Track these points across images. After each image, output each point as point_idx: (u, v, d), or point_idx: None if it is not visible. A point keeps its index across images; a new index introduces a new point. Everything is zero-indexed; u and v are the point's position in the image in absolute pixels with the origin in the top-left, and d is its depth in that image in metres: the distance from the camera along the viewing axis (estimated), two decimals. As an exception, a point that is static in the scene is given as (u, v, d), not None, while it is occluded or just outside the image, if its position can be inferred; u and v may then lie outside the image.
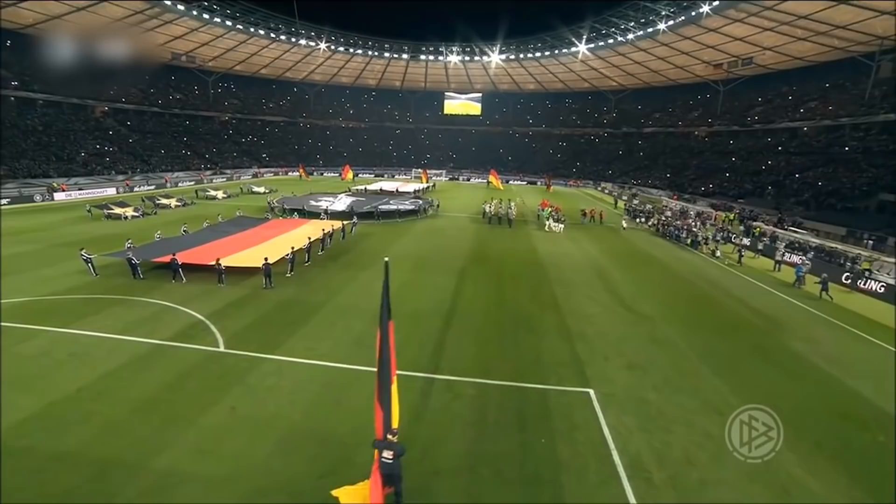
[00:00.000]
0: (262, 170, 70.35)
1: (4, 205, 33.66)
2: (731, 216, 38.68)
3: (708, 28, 53.05)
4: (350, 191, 46.00)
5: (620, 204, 47.89)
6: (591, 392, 10.77)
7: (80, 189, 40.55)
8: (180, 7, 55.84)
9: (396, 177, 74.91)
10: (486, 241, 27.00)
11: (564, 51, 71.97)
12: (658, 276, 21.36)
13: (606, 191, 63.06)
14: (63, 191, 38.99)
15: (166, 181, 50.88)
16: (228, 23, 61.92)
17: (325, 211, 31.91)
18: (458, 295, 17.40)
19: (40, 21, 52.32)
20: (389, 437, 6.97)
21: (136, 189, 45.02)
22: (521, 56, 77.27)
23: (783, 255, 25.09)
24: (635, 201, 47.71)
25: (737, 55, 58.46)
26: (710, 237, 28.97)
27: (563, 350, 13.01)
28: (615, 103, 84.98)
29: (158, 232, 22.60)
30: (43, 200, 35.77)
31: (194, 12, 57.55)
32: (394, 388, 7.20)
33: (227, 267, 17.75)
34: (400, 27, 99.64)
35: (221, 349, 12.44)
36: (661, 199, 52.70)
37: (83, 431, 8.85)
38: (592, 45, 67.50)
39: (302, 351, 12.36)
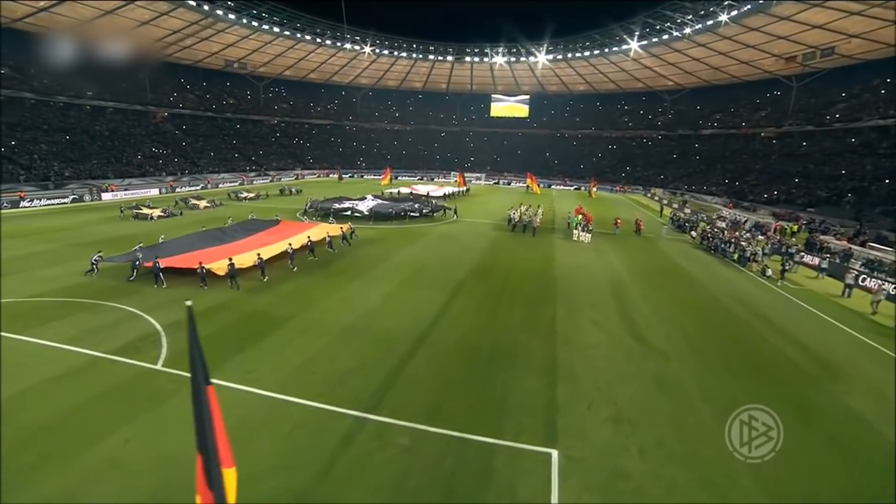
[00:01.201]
0: (305, 171, 71.72)
1: (57, 204, 35.80)
2: (795, 227, 33.60)
3: (779, 16, 47.15)
4: (382, 194, 45.18)
5: (667, 212, 43.44)
6: (554, 454, 8.47)
7: (125, 190, 42.58)
8: (231, 16, 58.02)
9: (436, 180, 73.78)
10: (500, 251, 24.74)
11: (615, 49, 67.55)
12: (686, 298, 18.17)
13: (656, 198, 58.01)
14: (112, 191, 41.08)
15: (208, 182, 52.70)
16: (276, 29, 63.64)
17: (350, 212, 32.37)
18: (442, 314, 15.42)
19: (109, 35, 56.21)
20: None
21: (177, 190, 46.80)
22: (569, 56, 73.52)
23: (857, 277, 20.80)
24: (686, 210, 43.09)
25: (814, 45, 51.61)
26: (761, 252, 24.78)
27: (538, 391, 10.70)
28: (671, 104, 78.78)
29: (162, 236, 22.44)
30: (91, 200, 37.68)
31: (244, 21, 59.61)
32: (228, 478, 4.82)
33: (207, 271, 16.98)
34: (444, 29, 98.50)
35: (158, 367, 11.33)
36: (715, 208, 47.51)
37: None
38: (645, 43, 62.76)
39: (238, 374, 10.96)
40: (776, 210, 42.79)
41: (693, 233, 31.32)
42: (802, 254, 25.69)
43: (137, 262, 17.76)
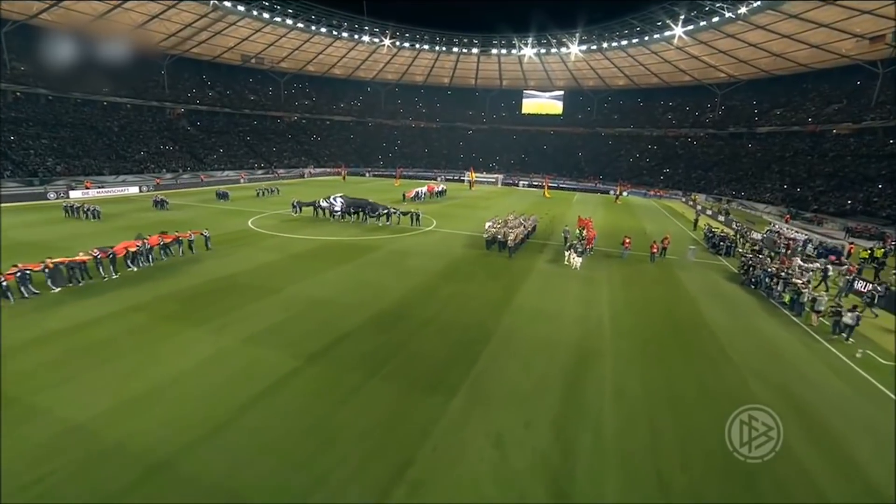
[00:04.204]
0: (317, 169, 67.49)
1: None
2: (879, 251, 23.97)
3: (862, -15, 36.61)
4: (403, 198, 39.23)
5: (702, 222, 34.41)
6: None
7: (99, 187, 39.30)
8: (241, 8, 54.36)
9: (439, 178, 67.23)
10: (448, 279, 18.02)
11: (656, 36, 57.83)
12: (697, 391, 10.63)
13: (699, 206, 47.97)
14: (87, 188, 38.00)
15: (202, 179, 49.19)
16: (289, 21, 59.49)
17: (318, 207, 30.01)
18: (255, 403, 9.18)
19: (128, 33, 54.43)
20: None
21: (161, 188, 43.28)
22: (605, 46, 64.32)
23: None
24: (734, 224, 33.73)
25: (908, 22, 40.12)
26: (825, 297, 16.05)
27: None
28: (721, 98, 67.28)
29: None
30: (56, 198, 34.37)
31: (255, 12, 55.83)
32: None
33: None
34: (468, 19, 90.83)
35: None
36: (766, 220, 37.74)
37: None
38: (691, 27, 52.81)
39: None
40: (851, 224, 32.80)
41: (740, 251, 22.88)
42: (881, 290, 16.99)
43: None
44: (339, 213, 29.56)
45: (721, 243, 25.97)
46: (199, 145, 59.54)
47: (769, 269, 18.59)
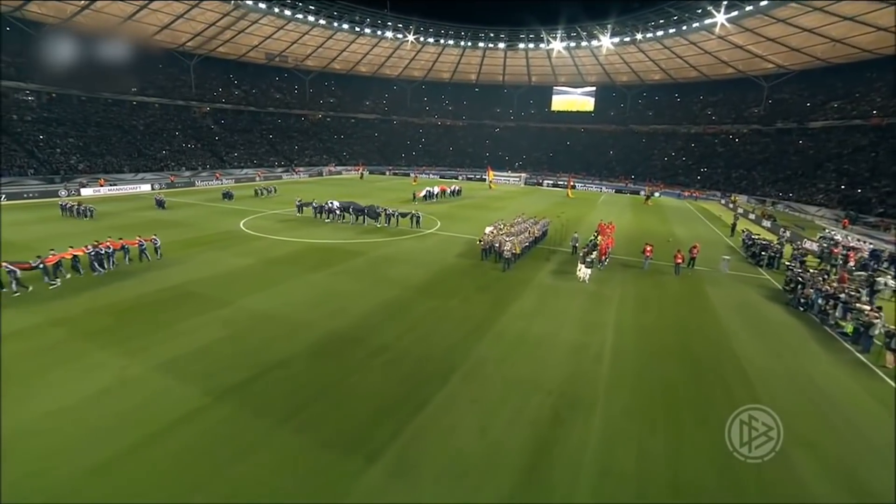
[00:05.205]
0: (338, 167, 66.39)
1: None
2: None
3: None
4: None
5: (741, 227, 30.14)
6: None
7: (112, 185, 39.15)
8: (262, 5, 53.65)
9: (460, 178, 64.62)
10: (428, 293, 15.48)
11: (695, 25, 52.67)
12: (709, 473, 7.60)
13: (739, 208, 42.96)
14: (101, 186, 37.91)
15: (217, 177, 48.71)
16: (311, 18, 58.38)
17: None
18: (109, 467, 7.04)
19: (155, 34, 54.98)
20: None
21: (177, 186, 42.91)
22: (638, 37, 59.48)
23: None
24: (781, 230, 29.28)
25: None
26: None
27: None
28: (768, 91, 60.99)
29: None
30: (68, 196, 34.26)
31: (276, 10, 55.05)
32: None
33: None
34: (493, 11, 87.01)
35: None
36: (819, 225, 32.91)
37: None
38: (735, 13, 47.55)
39: None
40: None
41: (786, 263, 19.16)
42: None
43: None
44: (339, 212, 27.76)
45: (762, 252, 22.10)
46: (221, 143, 59.52)
47: (825, 289, 14.93)
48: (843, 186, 41.56)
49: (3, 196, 31.37)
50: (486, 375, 10.13)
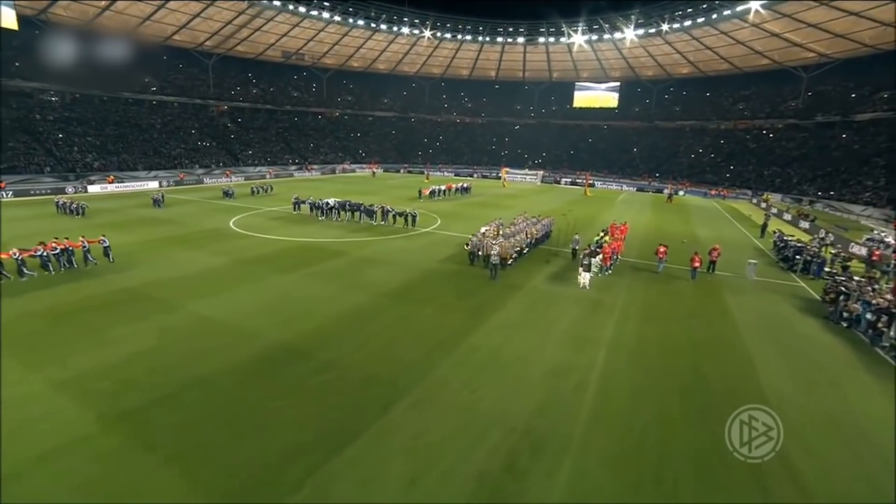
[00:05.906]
0: (352, 165, 65.51)
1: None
2: None
3: None
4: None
5: (772, 227, 27.03)
6: None
7: (120, 182, 39.11)
8: (276, 3, 53.17)
9: (474, 176, 62.57)
10: (397, 300, 13.74)
11: (726, 13, 48.91)
12: None
13: (772, 208, 39.29)
14: (109, 183, 37.91)
15: (227, 175, 48.39)
16: (325, 15, 57.55)
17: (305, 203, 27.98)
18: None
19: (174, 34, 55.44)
20: None
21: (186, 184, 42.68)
22: (664, 28, 55.90)
23: None
24: (821, 232, 26.01)
25: None
26: None
27: None
28: (808, 83, 56.25)
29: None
30: (75, 193, 34.27)
31: (290, 6, 54.49)
32: None
33: None
34: (511, 2, 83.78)
35: None
36: (865, 225, 29.37)
37: None
38: (771, -3, 43.73)
39: None
40: None
41: (828, 270, 16.47)
42: None
43: None
44: (334, 209, 26.51)
45: (797, 256, 19.31)
46: (237, 141, 59.51)
47: (875, 302, 12.34)
48: (890, 184, 37.39)
49: (10, 193, 31.51)
50: (440, 404, 8.32)
